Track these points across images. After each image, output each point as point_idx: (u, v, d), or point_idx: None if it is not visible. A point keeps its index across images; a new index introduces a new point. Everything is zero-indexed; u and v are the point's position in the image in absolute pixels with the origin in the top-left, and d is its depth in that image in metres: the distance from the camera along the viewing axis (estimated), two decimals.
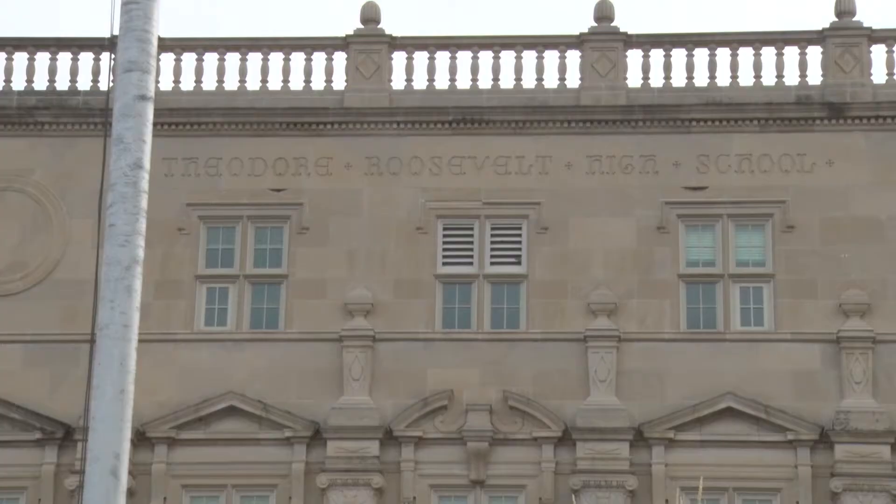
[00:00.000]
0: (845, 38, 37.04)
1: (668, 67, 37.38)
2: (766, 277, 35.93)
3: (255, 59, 37.89)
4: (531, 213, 36.40)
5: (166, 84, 36.35)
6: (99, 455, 7.04)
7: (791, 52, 37.17)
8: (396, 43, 37.87)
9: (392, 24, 38.06)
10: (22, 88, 37.71)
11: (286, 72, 37.71)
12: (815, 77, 36.86)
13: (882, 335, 34.82)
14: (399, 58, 37.84)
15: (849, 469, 34.08)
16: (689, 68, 37.27)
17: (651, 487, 34.25)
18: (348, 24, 38.11)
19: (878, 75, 36.78)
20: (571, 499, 33.39)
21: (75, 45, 37.98)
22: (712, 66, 37.19)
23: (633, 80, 37.31)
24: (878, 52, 37.06)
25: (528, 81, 37.45)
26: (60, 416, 34.46)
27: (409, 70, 37.75)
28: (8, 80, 37.68)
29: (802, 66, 36.99)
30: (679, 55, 37.44)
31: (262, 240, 36.73)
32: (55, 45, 38.05)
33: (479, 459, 34.86)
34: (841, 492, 33.89)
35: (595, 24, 37.60)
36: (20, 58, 37.96)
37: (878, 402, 34.52)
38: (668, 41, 37.71)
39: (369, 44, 37.75)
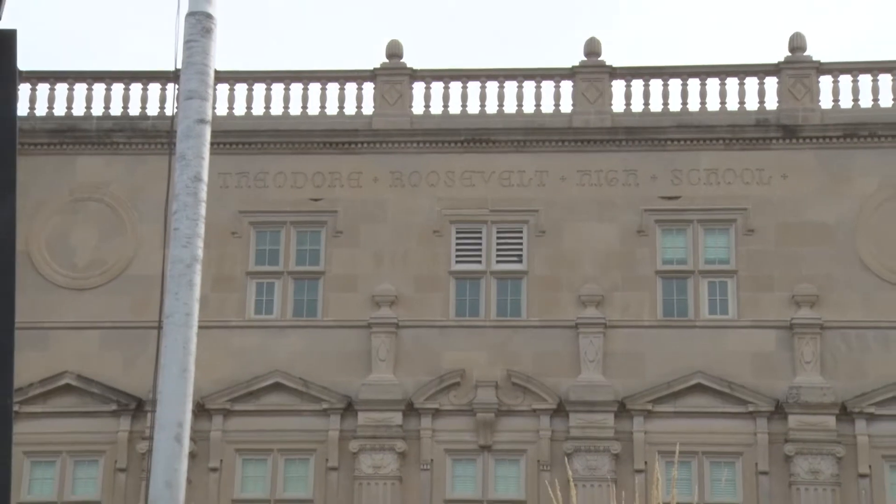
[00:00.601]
0: (797, 70, 37.09)
1: (646, 95, 37.41)
2: (730, 273, 35.98)
3: (296, 88, 38.00)
4: (531, 218, 36.48)
5: (221, 110, 36.49)
6: (165, 424, 7.13)
7: (751, 82, 37.16)
8: (416, 75, 37.98)
9: (412, 59, 38.23)
10: (100, 114, 37.86)
11: (323, 99, 37.79)
12: (771, 103, 36.90)
13: (829, 322, 34.86)
14: (418, 87, 37.92)
15: (800, 436, 34.11)
16: (665, 95, 37.35)
17: (633, 452, 34.32)
18: (376, 58, 38.26)
19: (826, 101, 36.81)
20: (565, 461, 33.41)
21: (145, 77, 38.08)
22: (684, 94, 37.26)
23: (617, 105, 37.35)
24: (826, 82, 37.09)
25: (528, 107, 37.50)
26: (133, 390, 34.60)
27: (427, 97, 37.81)
28: (88, 107, 37.81)
29: (761, 93, 37.02)
30: (656, 84, 37.51)
31: (303, 242, 36.83)
32: (128, 77, 38.17)
33: (487, 428, 34.95)
34: (793, 455, 33.95)
35: (585, 59, 37.68)
36: (99, 88, 38.08)
37: (825, 379, 34.56)
38: (646, 73, 37.78)
39: (393, 76, 37.84)
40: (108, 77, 38.27)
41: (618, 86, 37.56)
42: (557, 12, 77.23)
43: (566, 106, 37.42)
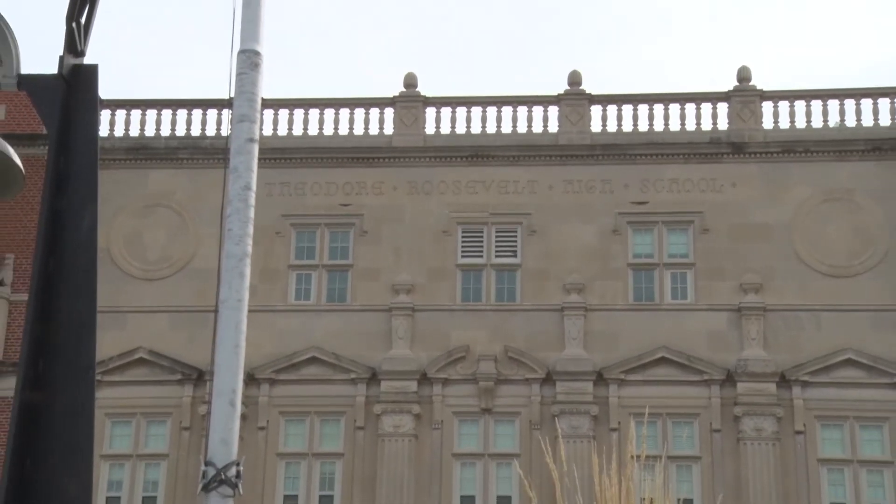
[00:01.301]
0: (744, 97, 37.03)
1: (619, 118, 37.39)
2: (688, 265, 35.95)
3: (329, 112, 38.02)
4: (524, 220, 36.46)
5: (267, 131, 36.54)
6: (221, 391, 7.15)
7: (706, 107, 37.15)
8: (428, 101, 37.95)
9: (425, 88, 38.17)
10: (167, 134, 37.93)
11: (351, 122, 37.81)
12: (722, 124, 36.85)
13: (770, 306, 34.83)
14: (430, 112, 37.89)
15: (746, 400, 34.11)
16: (635, 118, 37.33)
17: (609, 414, 34.31)
18: (395, 87, 38.27)
19: (767, 123, 36.77)
20: (553, 421, 33.41)
21: (204, 104, 38.13)
22: (651, 117, 37.22)
23: (595, 126, 37.28)
24: (767, 107, 37.03)
25: (521, 127, 37.47)
26: (194, 363, 34.66)
27: (438, 120, 37.80)
28: (158, 129, 37.87)
29: (714, 116, 36.99)
30: (627, 109, 37.50)
31: (335, 240, 36.82)
32: (190, 104, 38.22)
33: (487, 394, 34.94)
34: (741, 416, 33.93)
35: (568, 87, 37.63)
36: (166, 113, 38.12)
37: (767, 353, 34.52)
38: (619, 99, 37.75)
39: (409, 102, 37.82)
40: (174, 104, 38.35)
41: (595, 110, 37.51)
42: (546, 47, 77.18)
43: (553, 127, 37.40)
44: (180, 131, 38.08)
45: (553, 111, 37.62)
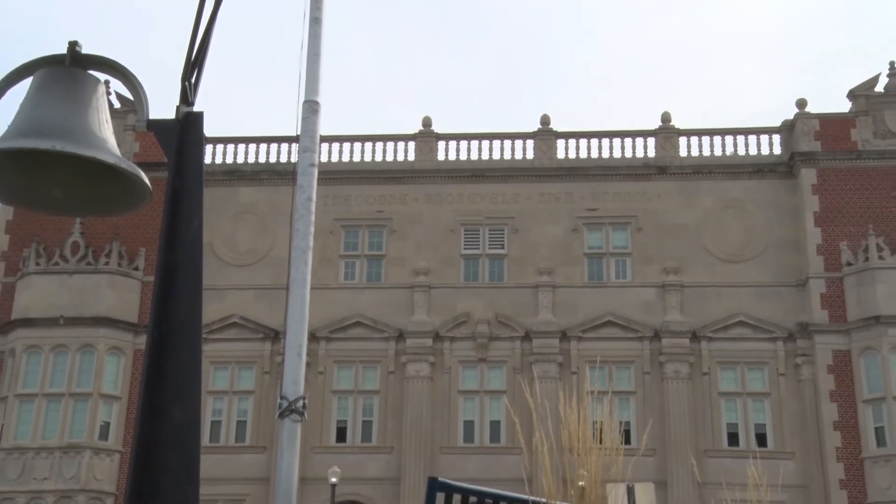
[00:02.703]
0: (666, 133, 36.98)
1: (577, 148, 37.35)
2: (627, 254, 35.92)
3: (368, 145, 37.99)
4: (509, 222, 36.50)
5: (324, 158, 36.44)
6: (291, 345, 7.12)
7: (640, 140, 37.10)
8: (440, 136, 37.94)
9: (437, 126, 38.14)
10: (252, 161, 37.95)
11: (384, 151, 37.79)
12: (651, 153, 36.81)
13: (685, 283, 34.83)
14: (441, 144, 37.88)
15: (668, 350, 34.16)
16: (588, 148, 37.27)
17: (570, 361, 34.34)
18: (415, 125, 38.24)
19: (682, 151, 36.76)
20: (531, 367, 33.40)
21: (278, 139, 38.02)
22: (600, 147, 37.16)
23: (560, 154, 37.28)
24: (683, 140, 37.01)
25: (507, 155, 37.43)
26: (272, 325, 34.73)
27: (447, 150, 37.78)
28: (245, 157, 37.92)
29: (645, 146, 36.94)
30: (584, 141, 37.46)
31: (372, 237, 36.83)
32: (268, 140, 38.10)
33: (483, 348, 34.99)
34: (664, 362, 33.97)
35: (540, 126, 37.65)
36: (252, 146, 38.13)
37: (683, 317, 34.53)
38: (577, 135, 37.59)
39: (426, 137, 37.84)
40: (256, 140, 38.32)
41: (560, 142, 37.50)
42: (524, 96, 77.40)
43: (530, 154, 37.37)
44: (262, 159, 38.02)
45: (530, 143, 37.55)
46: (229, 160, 38.05)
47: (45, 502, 32.13)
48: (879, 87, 35.69)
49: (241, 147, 38.26)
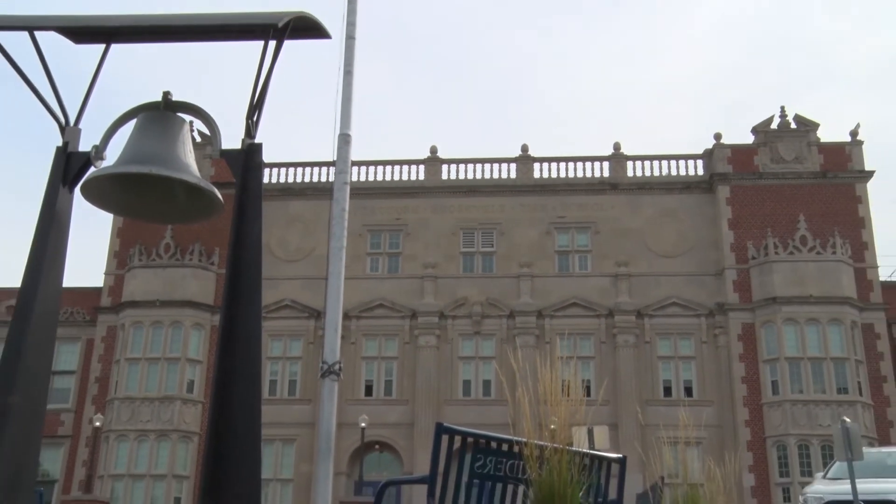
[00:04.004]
0: (617, 158, 36.81)
1: (549, 170, 36.97)
2: (588, 252, 35.80)
3: (389, 167, 37.89)
4: (497, 227, 36.38)
5: (355, 177, 36.31)
6: (330, 322, 7.15)
7: (597, 163, 36.81)
8: (444, 160, 37.77)
9: (442, 152, 38.00)
10: (299, 181, 37.86)
11: (400, 172, 37.64)
12: (606, 172, 36.69)
13: (632, 273, 34.77)
14: (445, 167, 37.74)
15: (619, 325, 33.44)
16: (558, 170, 36.98)
17: (545, 334, 34.28)
18: (424, 152, 38.09)
19: (630, 173, 36.63)
20: (514, 339, 33.42)
21: (319, 164, 38.00)
22: (567, 169, 36.88)
23: (537, 174, 37.09)
24: (629, 165, 36.74)
25: (495, 175, 37.19)
26: (315, 307, 34.74)
27: (449, 171, 37.62)
28: (294, 177, 37.87)
29: (601, 168, 36.66)
30: (554, 164, 37.18)
31: (392, 239, 36.68)
32: (311, 164, 38.05)
33: (477, 324, 34.95)
34: (616, 333, 33.81)
35: (521, 152, 37.52)
36: (299, 169, 38.10)
37: (631, 299, 34.38)
38: (549, 159, 37.22)
39: (433, 161, 37.71)
40: (303, 164, 38.26)
41: (536, 165, 37.34)
42: (508, 128, 77.39)
43: (513, 174, 37.17)
44: (307, 179, 37.87)
45: (513, 165, 37.29)
46: (282, 180, 37.93)
47: (148, 438, 33.12)
48: (774, 125, 35.92)
49: (291, 170, 38.11)
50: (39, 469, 26.49)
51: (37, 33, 4.85)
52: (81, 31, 5.09)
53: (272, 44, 4.85)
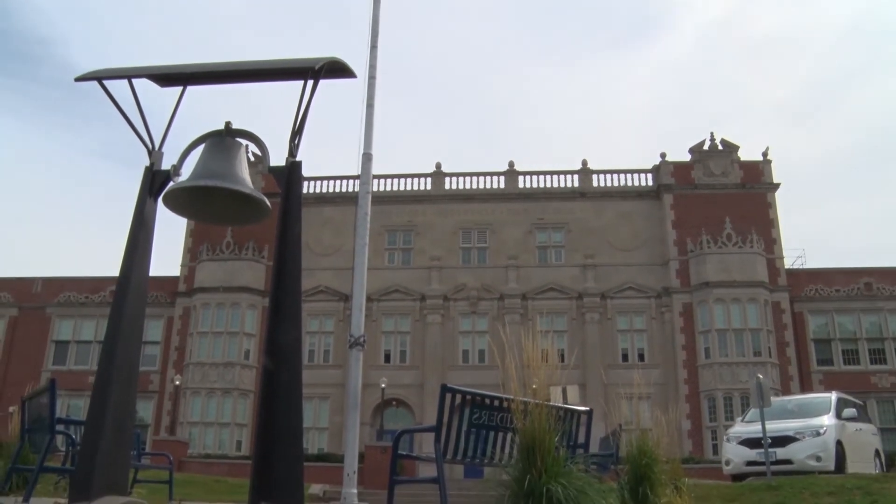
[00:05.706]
0: (585, 173, 36.65)
1: (532, 181, 36.74)
2: (562, 247, 35.56)
3: (401, 180, 37.66)
4: (489, 227, 36.21)
5: (375, 188, 36.21)
6: (356, 304, 7.15)
7: (570, 176, 36.75)
8: (447, 173, 37.58)
9: (446, 167, 37.85)
10: (331, 190, 37.59)
11: (411, 183, 37.40)
12: (576, 183, 36.33)
13: (597, 263, 34.64)
14: (447, 179, 37.56)
15: (587, 305, 33.64)
16: (539, 181, 36.69)
17: (528, 313, 34.17)
18: (431, 167, 37.96)
19: (595, 184, 36.40)
20: (503, 317, 33.31)
21: (347, 177, 37.83)
22: (545, 181, 36.70)
23: (521, 185, 36.91)
24: (595, 177, 36.59)
25: (487, 185, 36.98)
26: (345, 291, 34.63)
27: (451, 182, 37.42)
28: (326, 188, 37.65)
29: (573, 180, 36.28)
30: (536, 177, 36.96)
31: (405, 237, 36.49)
32: (341, 178, 37.88)
33: (473, 305, 34.85)
34: (585, 312, 33.62)
35: (508, 167, 37.34)
36: (330, 182, 37.90)
37: (596, 284, 34.23)
38: (532, 173, 37.13)
39: (438, 175, 37.58)
40: (334, 178, 38.00)
41: (521, 177, 37.15)
42: (498, 147, 77.31)
43: (502, 185, 36.98)
44: (337, 189, 37.63)
45: (502, 177, 37.07)
46: (317, 190, 37.74)
47: (216, 394, 33.62)
48: (706, 147, 36.07)
49: (325, 182, 37.92)
50: (136, 416, 27.00)
51: (133, 80, 5.01)
52: (166, 77, 5.24)
53: (310, 83, 4.98)
